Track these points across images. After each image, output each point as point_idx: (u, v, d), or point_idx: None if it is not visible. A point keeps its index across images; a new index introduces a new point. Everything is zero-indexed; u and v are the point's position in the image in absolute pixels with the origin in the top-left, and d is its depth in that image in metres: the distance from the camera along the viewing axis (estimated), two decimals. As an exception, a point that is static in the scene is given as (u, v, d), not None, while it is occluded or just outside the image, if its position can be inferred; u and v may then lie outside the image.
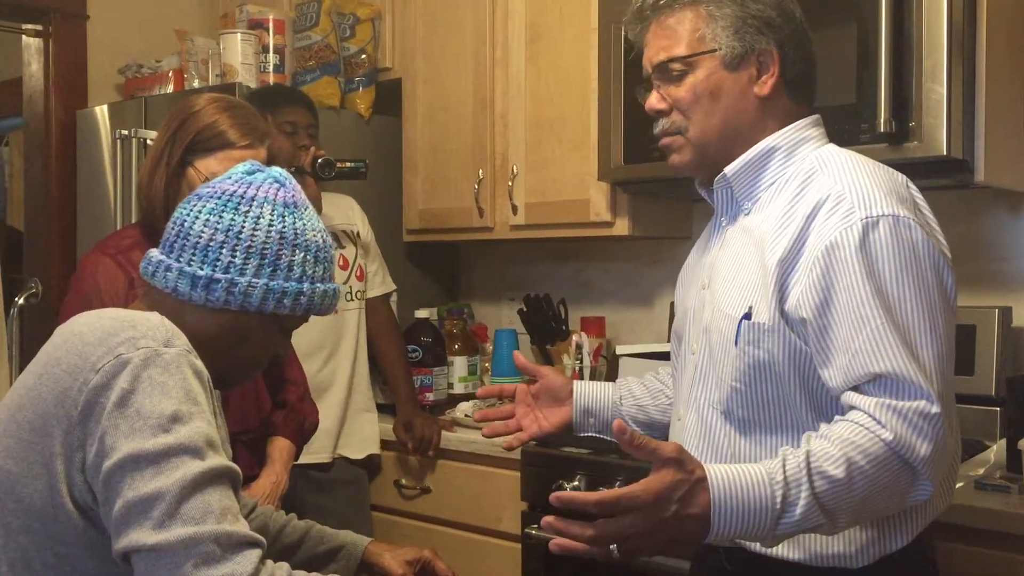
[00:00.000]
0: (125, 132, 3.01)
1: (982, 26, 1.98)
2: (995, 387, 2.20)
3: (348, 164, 2.53)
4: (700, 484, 1.14)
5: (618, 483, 2.19)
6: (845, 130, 1.96)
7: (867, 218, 1.26)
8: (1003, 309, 2.23)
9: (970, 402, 2.19)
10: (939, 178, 2.05)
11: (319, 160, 2.45)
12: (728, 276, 1.40)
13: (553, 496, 1.12)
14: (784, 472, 1.17)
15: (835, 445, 1.20)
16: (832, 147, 1.42)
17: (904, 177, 1.37)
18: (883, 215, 1.26)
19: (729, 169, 1.42)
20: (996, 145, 2.00)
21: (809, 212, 1.31)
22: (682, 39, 1.40)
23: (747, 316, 1.34)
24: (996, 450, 2.10)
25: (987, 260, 2.35)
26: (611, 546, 1.13)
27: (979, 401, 2.21)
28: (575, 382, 1.69)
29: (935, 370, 1.24)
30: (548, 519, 1.13)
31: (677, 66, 1.40)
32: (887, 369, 1.22)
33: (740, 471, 1.16)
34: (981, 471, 1.95)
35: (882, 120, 1.92)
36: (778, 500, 1.15)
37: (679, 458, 1.14)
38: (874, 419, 1.21)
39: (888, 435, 1.20)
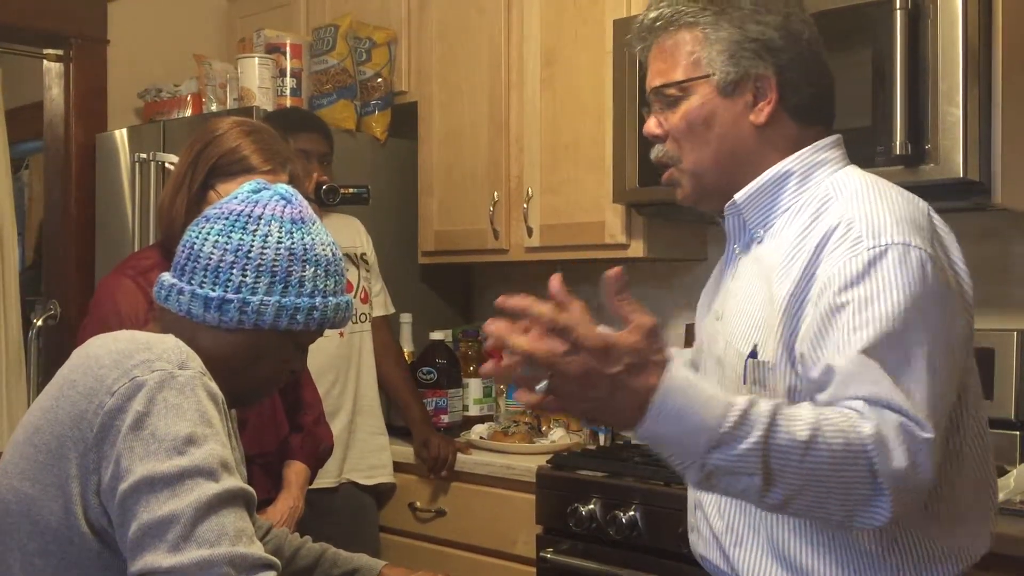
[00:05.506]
0: (144, 156, 3.04)
1: (998, 48, 1.98)
2: (1015, 411, 2.18)
3: (351, 190, 2.54)
4: (657, 366, 1.05)
5: (635, 505, 2.18)
6: (861, 153, 1.95)
7: (874, 247, 1.19)
8: (1022, 332, 2.21)
9: (989, 426, 2.16)
10: (956, 200, 2.04)
11: (323, 187, 2.46)
12: (739, 309, 1.36)
13: (512, 300, 1.04)
14: (747, 407, 1.07)
15: (811, 412, 1.11)
16: (851, 170, 1.37)
17: (927, 205, 1.29)
18: (892, 243, 1.19)
19: (739, 196, 1.37)
20: (1013, 167, 2.00)
21: (818, 242, 1.25)
22: (678, 63, 1.36)
23: (753, 354, 1.29)
24: (1016, 475, 2.08)
25: (1005, 283, 2.33)
26: (538, 386, 1.05)
27: (998, 425, 2.18)
28: None
29: (927, 406, 1.14)
30: (494, 326, 1.05)
31: (672, 91, 1.36)
32: (869, 393, 1.13)
33: (706, 383, 1.08)
34: (1002, 496, 1.93)
35: (898, 143, 1.92)
36: (725, 427, 1.06)
37: (653, 330, 1.06)
38: (858, 412, 1.12)
39: (868, 428, 1.10)
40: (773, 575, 1.31)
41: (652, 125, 1.41)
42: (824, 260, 1.23)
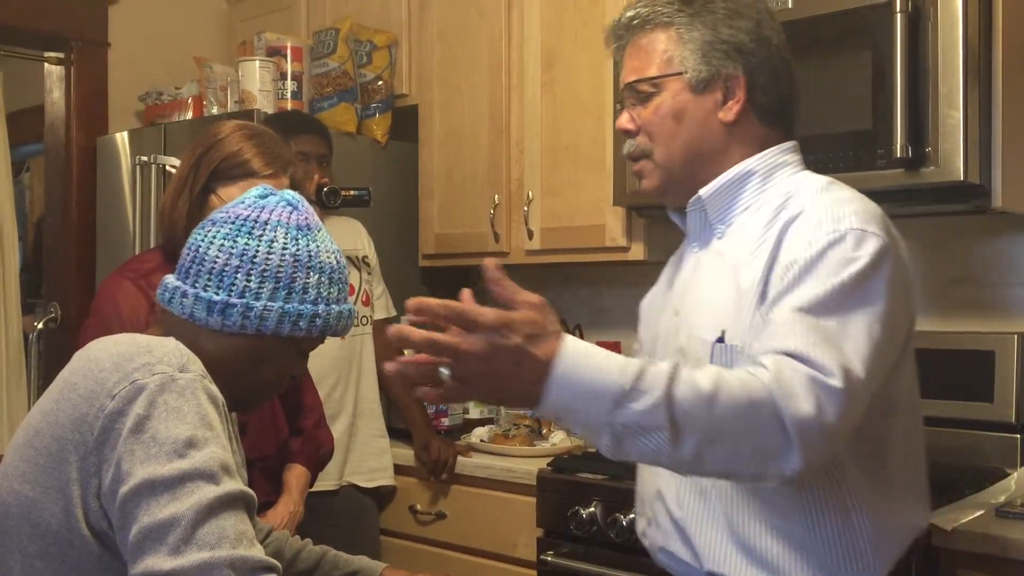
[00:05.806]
0: (145, 158, 3.04)
1: (998, 50, 1.98)
2: (1015, 414, 2.18)
3: (352, 192, 2.55)
4: (555, 335, 1.08)
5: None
6: (861, 156, 1.96)
7: (833, 232, 1.25)
8: (1022, 335, 2.21)
9: (989, 429, 2.17)
10: (956, 203, 2.05)
11: (324, 189, 2.47)
12: (702, 301, 1.39)
13: (409, 301, 1.07)
14: (646, 364, 1.10)
15: (712, 368, 1.14)
16: (809, 173, 1.42)
17: (880, 209, 1.34)
18: (851, 229, 1.25)
19: (704, 191, 1.42)
20: (1013, 170, 2.00)
21: (781, 229, 1.30)
22: (652, 60, 1.42)
23: (720, 340, 1.33)
24: (1017, 477, 2.08)
25: (1005, 285, 2.33)
26: (443, 369, 1.07)
27: (999, 428, 2.19)
28: None
29: (856, 364, 1.17)
30: (394, 326, 1.08)
31: (645, 87, 1.42)
32: (784, 348, 1.17)
33: (600, 349, 1.11)
34: (1002, 499, 1.93)
35: (898, 146, 1.92)
36: (627, 383, 1.08)
37: (542, 305, 1.09)
38: (762, 365, 1.15)
39: (768, 376, 1.13)
40: (732, 559, 1.34)
41: (624, 120, 1.46)
42: (785, 245, 1.28)
